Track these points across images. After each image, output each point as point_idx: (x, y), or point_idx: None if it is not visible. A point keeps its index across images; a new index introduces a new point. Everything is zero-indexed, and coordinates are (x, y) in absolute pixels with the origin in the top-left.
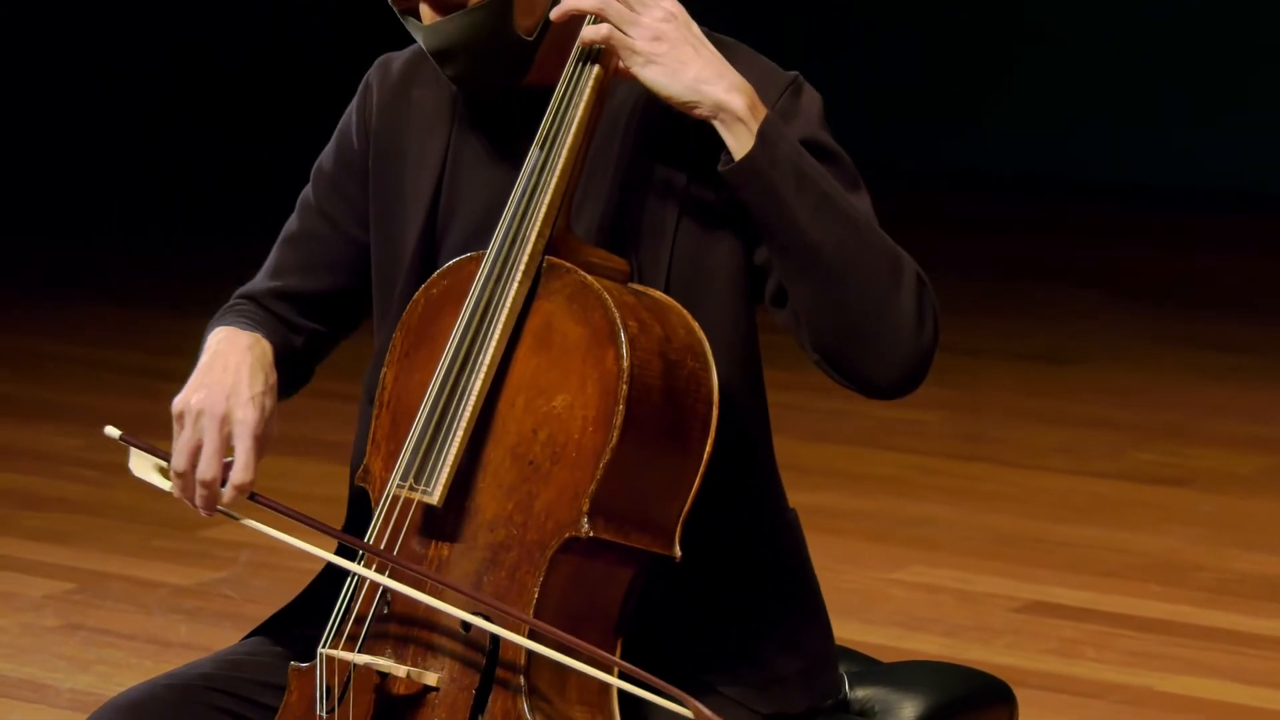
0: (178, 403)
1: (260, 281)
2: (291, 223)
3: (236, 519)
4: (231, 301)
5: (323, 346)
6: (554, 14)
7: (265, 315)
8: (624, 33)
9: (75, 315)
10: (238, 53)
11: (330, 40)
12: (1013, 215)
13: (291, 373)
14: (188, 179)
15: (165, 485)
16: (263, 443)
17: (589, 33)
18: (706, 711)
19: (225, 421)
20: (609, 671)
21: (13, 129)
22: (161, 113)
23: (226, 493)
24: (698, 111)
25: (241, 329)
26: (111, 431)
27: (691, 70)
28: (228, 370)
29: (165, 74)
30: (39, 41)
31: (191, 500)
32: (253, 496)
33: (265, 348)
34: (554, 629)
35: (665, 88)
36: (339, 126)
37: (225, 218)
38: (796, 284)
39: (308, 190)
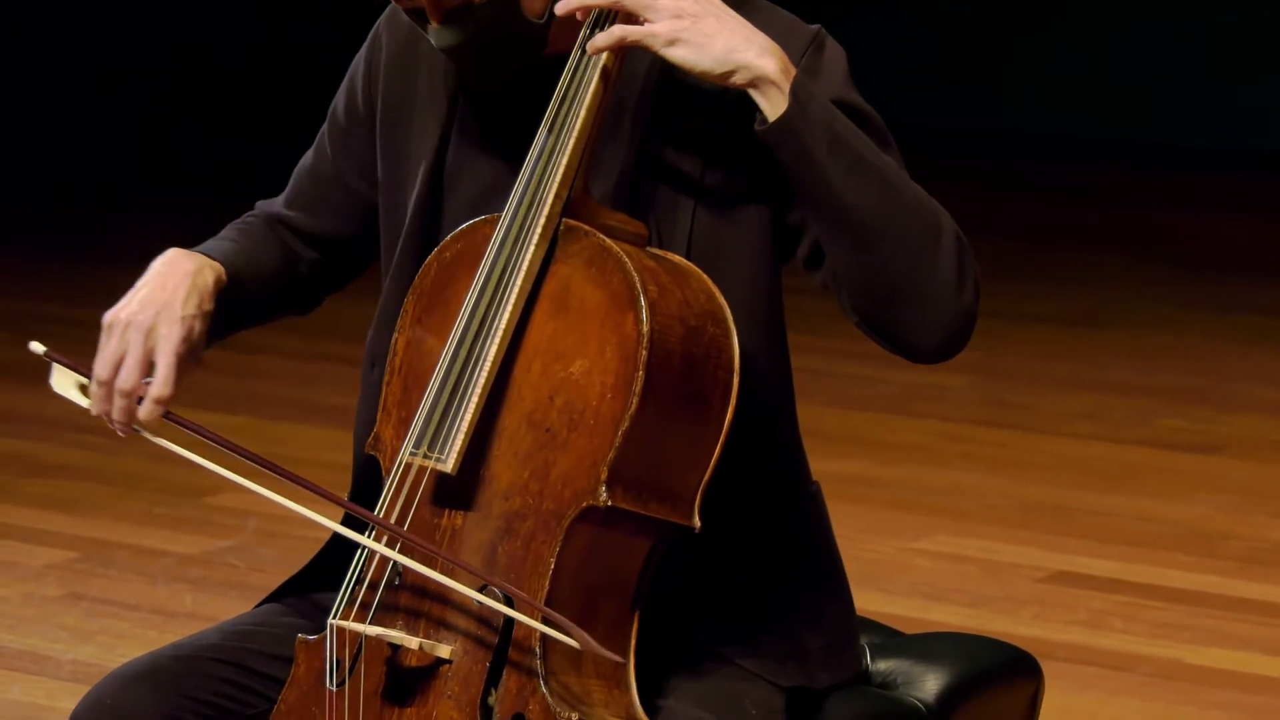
0: (108, 315)
1: (277, 202)
2: (307, 155)
3: (153, 439)
4: (247, 213)
5: (330, 279)
6: (560, 9)
7: (267, 234)
8: (642, 19)
9: (78, 278)
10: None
11: (330, 40)
12: (1039, 176)
13: (290, 294)
14: (194, 139)
15: (84, 402)
16: (185, 362)
17: (601, 39)
18: (593, 644)
19: (150, 335)
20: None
21: (15, 91)
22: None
23: (144, 407)
24: (733, 80)
25: (194, 253)
26: (36, 347)
27: (719, 42)
28: (164, 289)
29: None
30: None
31: (109, 415)
32: (169, 415)
33: (208, 276)
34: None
35: (696, 64)
36: (349, 71)
37: (232, 174)
38: (833, 246)
39: (323, 128)
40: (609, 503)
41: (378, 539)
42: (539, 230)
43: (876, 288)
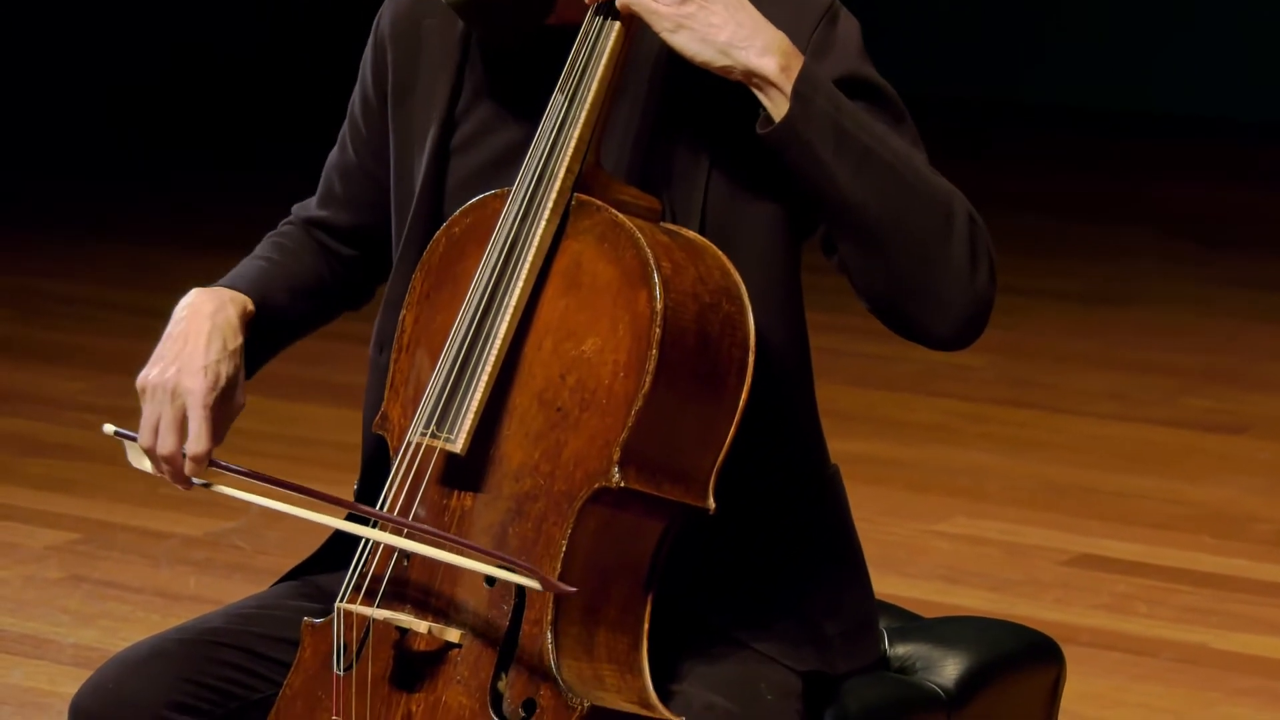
0: (140, 379)
1: (310, 204)
2: (333, 152)
3: (211, 488)
4: (283, 220)
5: (374, 271)
6: None
7: (303, 239)
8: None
9: (79, 253)
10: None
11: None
12: (1061, 150)
13: (332, 298)
14: (196, 110)
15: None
16: (219, 410)
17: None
18: (555, 582)
19: (176, 394)
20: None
21: (17, 57)
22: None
23: (186, 465)
24: (731, 76)
25: (217, 286)
26: (109, 429)
27: (723, 34)
28: (186, 339)
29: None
30: None
31: (166, 477)
32: (214, 463)
33: (230, 312)
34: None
35: (696, 54)
36: (361, 61)
37: (234, 149)
38: (842, 242)
39: (344, 124)
40: (621, 484)
41: (384, 527)
42: (550, 205)
43: (888, 280)
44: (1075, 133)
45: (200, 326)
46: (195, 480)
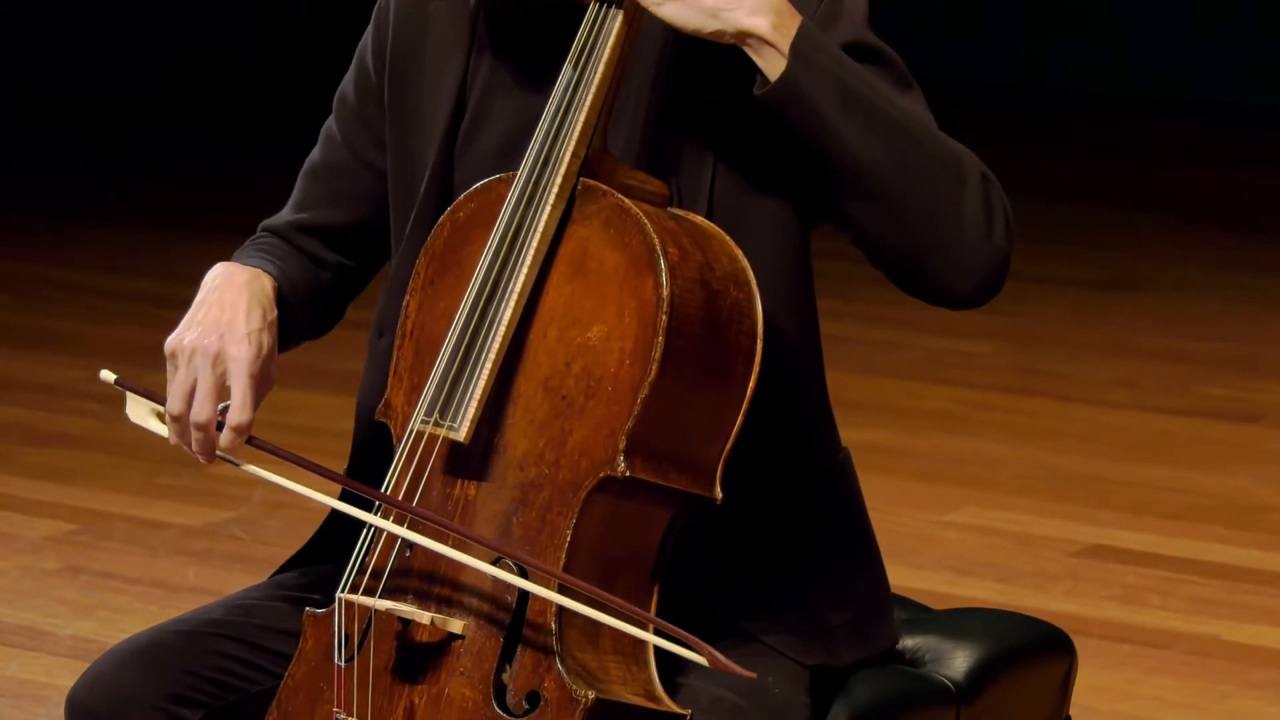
0: (170, 342)
1: (285, 214)
2: (314, 154)
3: (238, 465)
4: (255, 235)
5: (353, 282)
6: None
7: (289, 249)
8: None
9: (78, 238)
10: None
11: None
12: (1071, 133)
13: (318, 310)
14: (199, 89)
15: (163, 431)
16: (261, 382)
17: None
18: (724, 660)
19: (219, 360)
20: (643, 628)
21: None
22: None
23: (224, 435)
24: (724, 40)
25: (244, 264)
26: (107, 375)
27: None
28: (224, 307)
29: None
30: None
31: (189, 445)
32: (251, 440)
33: (265, 283)
34: (584, 584)
35: (686, 22)
36: (357, 49)
37: (238, 132)
38: (854, 205)
39: (330, 120)
40: (627, 473)
41: (386, 515)
42: (555, 189)
43: (902, 241)
44: (1089, 116)
45: (239, 295)
46: (221, 454)
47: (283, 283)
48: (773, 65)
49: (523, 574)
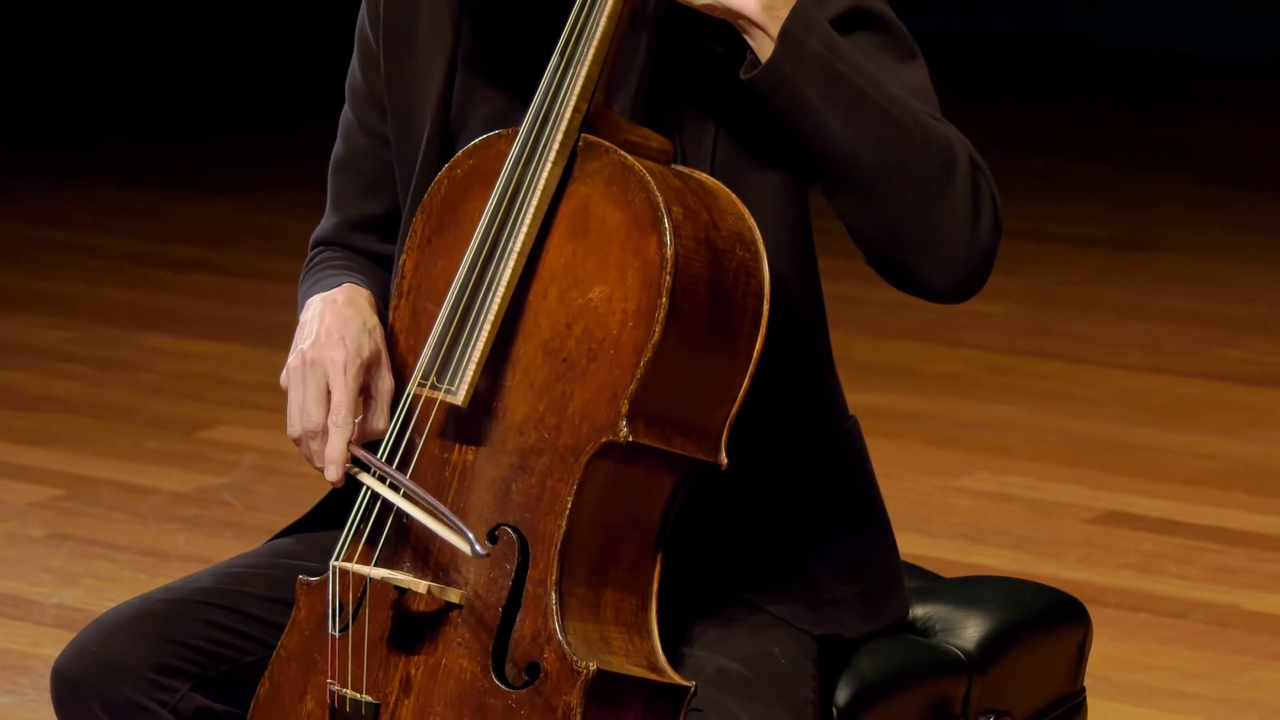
0: (281, 379)
1: (328, 220)
2: (337, 149)
3: (367, 479)
4: (311, 255)
5: None
6: None
7: (349, 255)
8: None
9: (64, 197)
10: None
11: None
12: (1088, 87)
13: None
14: (186, 46)
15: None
16: (359, 380)
17: None
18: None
19: (316, 366)
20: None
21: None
22: None
23: (331, 437)
24: (714, 15)
25: (327, 288)
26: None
27: None
28: (316, 324)
29: None
30: None
31: (317, 463)
32: (363, 467)
33: (355, 293)
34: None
35: None
36: (356, 30)
37: (225, 88)
38: (837, 191)
39: (345, 109)
40: (630, 438)
41: (381, 475)
42: (556, 146)
43: (883, 231)
44: (1106, 71)
45: (330, 310)
46: (350, 470)
47: (373, 289)
48: (762, 48)
49: (523, 543)
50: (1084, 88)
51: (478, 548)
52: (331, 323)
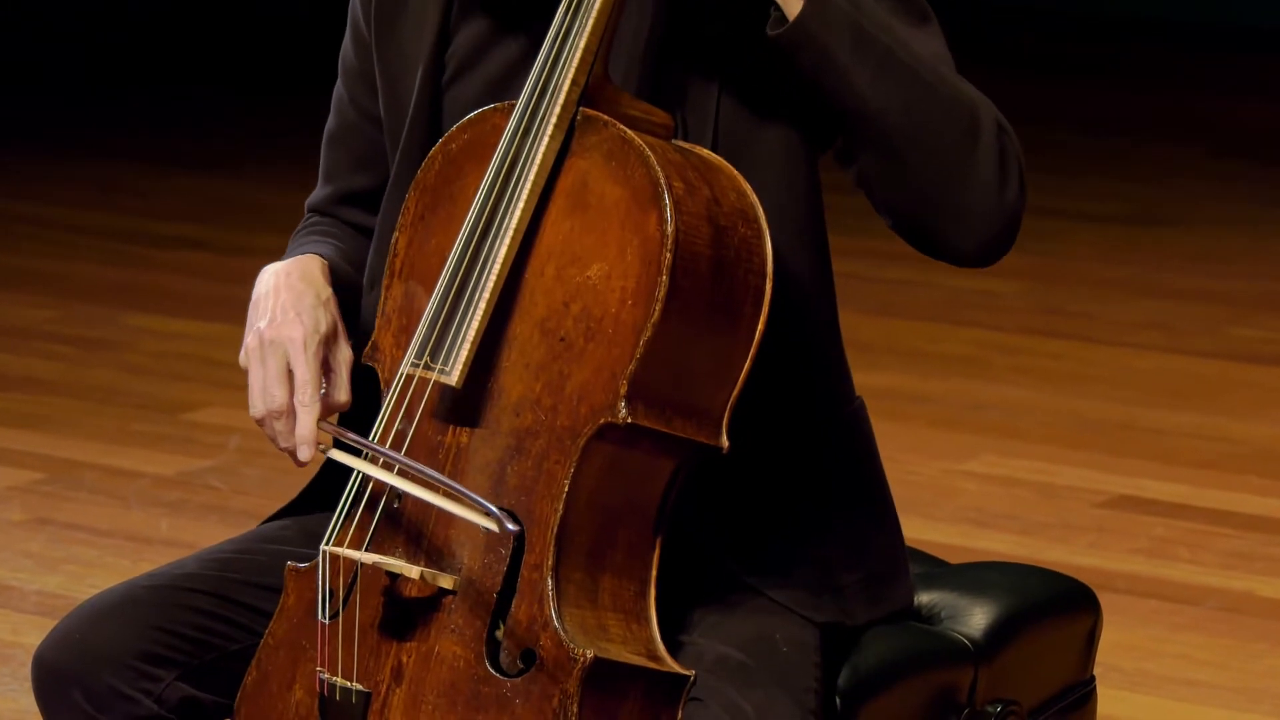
0: (240, 358)
1: (320, 190)
2: (330, 121)
3: (337, 455)
4: (304, 218)
5: None
6: None
7: (337, 226)
8: None
9: (46, 172)
10: None
11: None
12: (1101, 60)
13: None
14: (173, 23)
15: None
16: (325, 357)
17: None
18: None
19: (275, 345)
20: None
21: None
22: None
23: (299, 417)
24: None
25: (288, 257)
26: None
27: None
28: (270, 300)
29: None
30: None
31: (282, 443)
32: (339, 442)
33: (311, 265)
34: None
35: None
36: (349, 6)
37: (211, 64)
38: (861, 152)
39: (338, 84)
40: (629, 419)
41: (374, 463)
42: (554, 120)
43: (910, 193)
44: (1120, 43)
45: (283, 283)
46: (321, 446)
47: (335, 259)
48: (789, 5)
49: (519, 537)
50: (1095, 60)
51: (509, 524)
52: (286, 298)
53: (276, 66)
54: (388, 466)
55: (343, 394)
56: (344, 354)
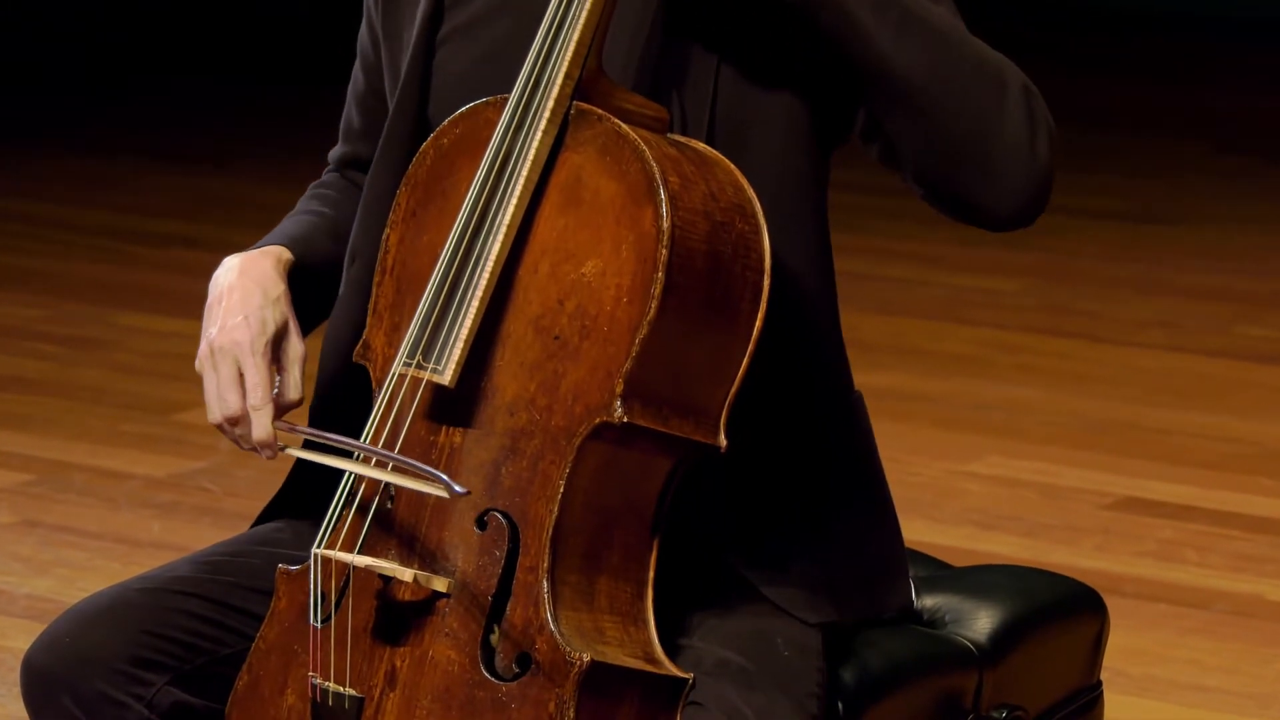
0: (196, 364)
1: (338, 146)
2: (350, 86)
3: (294, 453)
4: (325, 171)
5: None
6: None
7: (342, 183)
8: None
9: (36, 168)
10: None
11: None
12: (1105, 54)
13: None
14: (164, 18)
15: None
16: (269, 356)
17: None
18: (457, 488)
19: (225, 351)
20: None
21: None
22: None
23: (254, 421)
24: None
25: (253, 249)
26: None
27: None
28: (221, 305)
29: None
30: None
31: (244, 445)
32: (294, 428)
33: (265, 263)
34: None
35: None
36: None
37: (202, 58)
38: (888, 116)
39: (356, 65)
40: (625, 419)
41: (365, 461)
42: (547, 114)
43: (940, 155)
44: (1123, 35)
45: (234, 283)
46: (280, 445)
47: (311, 238)
48: None
49: (513, 530)
50: (1100, 53)
51: (457, 488)
52: (234, 301)
53: (268, 61)
54: (343, 453)
55: (293, 392)
56: (295, 351)
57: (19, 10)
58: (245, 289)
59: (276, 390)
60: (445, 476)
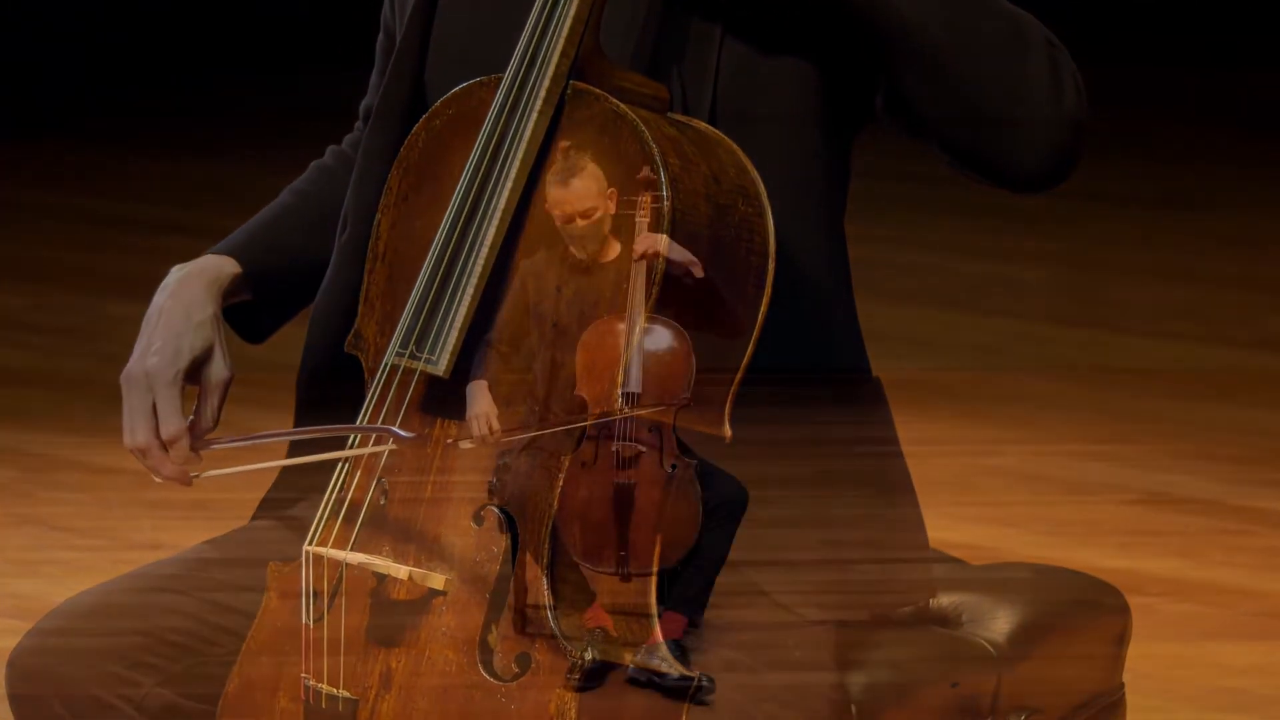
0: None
1: (366, 98)
2: (377, 55)
3: (210, 474)
4: (329, 149)
5: None
6: None
7: (348, 157)
8: None
9: (19, 155)
10: None
11: None
12: (1131, 37)
13: None
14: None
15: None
16: (180, 385)
17: None
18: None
19: (141, 380)
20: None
21: None
22: None
23: (171, 454)
24: None
25: (207, 254)
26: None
27: None
28: (146, 329)
29: None
30: None
31: (157, 475)
32: (208, 443)
33: (195, 285)
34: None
35: None
36: None
37: (194, 47)
38: (906, 75)
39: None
40: (626, 409)
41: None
42: (543, 94)
43: (964, 113)
44: (1149, 17)
45: (163, 305)
46: (192, 475)
47: (255, 253)
48: None
49: (511, 525)
50: (1121, 36)
51: (401, 433)
52: (160, 324)
53: (261, 49)
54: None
55: (208, 420)
56: (217, 375)
57: (27, 13)
58: (170, 312)
59: (191, 418)
60: (386, 427)
